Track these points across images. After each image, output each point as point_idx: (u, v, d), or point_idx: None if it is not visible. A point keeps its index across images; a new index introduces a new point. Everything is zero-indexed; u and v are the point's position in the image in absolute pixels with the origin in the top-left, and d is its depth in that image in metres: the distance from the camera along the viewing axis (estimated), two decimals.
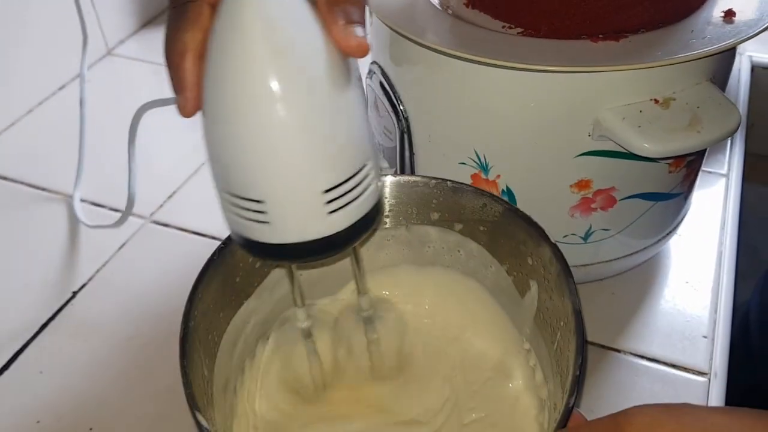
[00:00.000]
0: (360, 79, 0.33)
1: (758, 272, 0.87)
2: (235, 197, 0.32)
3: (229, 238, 0.40)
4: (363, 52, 0.31)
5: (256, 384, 0.43)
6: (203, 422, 0.32)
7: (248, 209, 0.31)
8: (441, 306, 0.46)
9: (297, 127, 0.29)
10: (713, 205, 0.60)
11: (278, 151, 0.30)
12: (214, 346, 0.39)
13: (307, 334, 0.42)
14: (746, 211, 0.78)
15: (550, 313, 0.39)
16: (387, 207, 0.44)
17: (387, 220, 0.44)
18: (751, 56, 0.78)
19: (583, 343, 0.35)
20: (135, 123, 0.51)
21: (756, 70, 0.78)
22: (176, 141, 0.69)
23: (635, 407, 0.28)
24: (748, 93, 0.74)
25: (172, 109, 0.46)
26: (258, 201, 0.31)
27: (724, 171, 0.63)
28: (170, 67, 0.31)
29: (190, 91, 0.31)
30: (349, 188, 0.32)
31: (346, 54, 0.31)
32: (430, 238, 0.44)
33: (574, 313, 0.36)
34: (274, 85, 0.29)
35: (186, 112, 0.31)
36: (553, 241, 0.39)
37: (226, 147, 0.31)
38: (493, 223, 0.42)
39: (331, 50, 0.30)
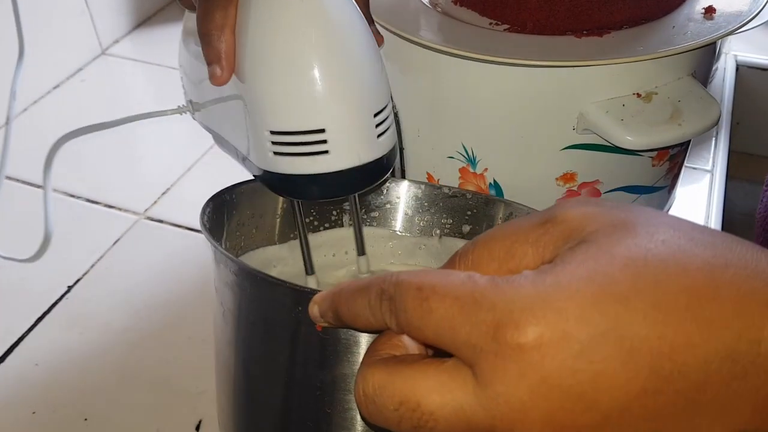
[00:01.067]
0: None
1: None
2: (292, 134, 0.34)
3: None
4: (380, 44, 0.37)
5: None
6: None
7: (305, 142, 0.34)
8: None
9: (349, 55, 0.33)
10: (698, 200, 0.61)
11: (340, 79, 0.33)
12: (237, 249, 0.41)
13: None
14: (732, 209, 0.80)
15: None
16: (425, 213, 0.45)
17: (420, 227, 0.45)
18: (736, 55, 0.80)
19: None
20: (51, 154, 0.48)
21: (741, 69, 0.80)
22: (171, 138, 0.70)
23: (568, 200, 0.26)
24: (733, 91, 0.75)
25: (167, 108, 0.47)
26: (318, 131, 0.33)
27: (708, 167, 0.65)
28: (208, 39, 0.34)
29: (227, 60, 0.34)
30: (388, 114, 0.35)
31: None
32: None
33: None
34: (323, 19, 0.33)
35: (221, 80, 0.35)
36: None
37: (279, 86, 0.33)
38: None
39: (358, 14, 0.35)
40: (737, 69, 0.79)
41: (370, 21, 0.37)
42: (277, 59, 0.33)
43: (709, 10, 0.43)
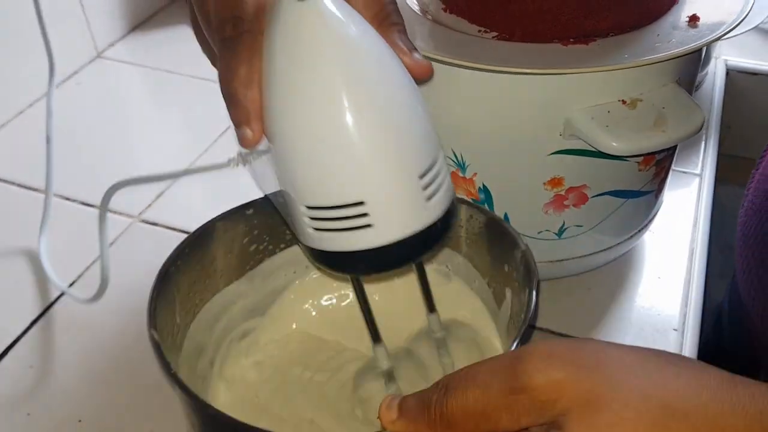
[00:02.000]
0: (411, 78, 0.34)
1: (734, 268, 0.89)
2: (325, 210, 0.31)
3: (227, 213, 0.42)
4: (428, 72, 0.34)
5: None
6: (155, 336, 0.34)
7: (345, 217, 0.31)
8: None
9: (383, 116, 0.30)
10: (686, 203, 0.62)
11: (373, 144, 0.30)
12: (194, 306, 0.41)
13: (390, 377, 0.40)
14: (723, 212, 0.81)
15: (516, 317, 0.39)
16: None
17: None
18: (726, 60, 0.81)
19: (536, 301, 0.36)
20: (105, 202, 0.44)
21: (731, 73, 0.80)
22: (165, 142, 0.71)
23: (539, 342, 0.28)
24: (723, 96, 0.76)
25: (163, 111, 0.47)
26: (357, 204, 0.30)
27: (697, 171, 0.65)
28: (233, 98, 0.31)
29: (255, 121, 0.31)
30: (437, 172, 0.32)
31: (418, 77, 0.33)
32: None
33: (528, 298, 0.36)
34: (353, 79, 0.30)
35: (252, 143, 0.31)
36: (524, 244, 0.39)
37: (308, 159, 0.30)
38: (478, 235, 0.43)
39: (385, 48, 0.32)
40: (727, 73, 0.80)
41: (412, 48, 0.34)
42: (304, 124, 0.30)
43: (693, 19, 0.44)
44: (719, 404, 0.24)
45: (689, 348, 0.50)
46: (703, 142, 0.69)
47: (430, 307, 0.40)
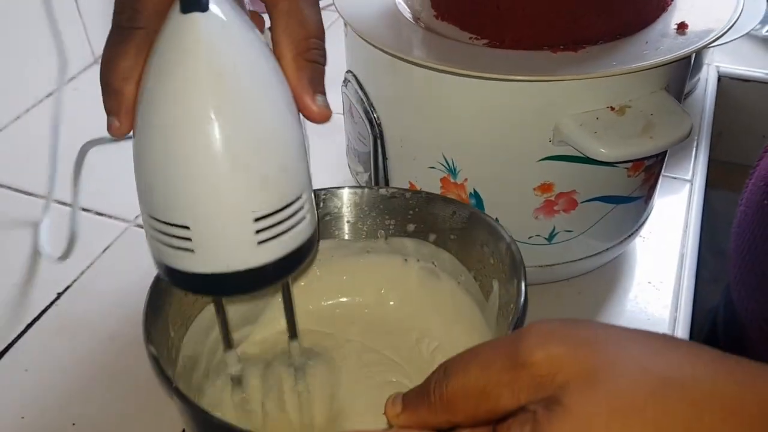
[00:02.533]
0: (298, 113, 0.33)
1: (728, 276, 0.90)
2: (158, 222, 0.31)
3: None
4: (325, 119, 0.33)
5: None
6: (153, 351, 0.34)
7: (172, 235, 0.30)
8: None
9: (228, 150, 0.29)
10: (677, 209, 0.62)
11: (207, 174, 0.29)
12: (186, 319, 0.41)
13: (237, 382, 0.41)
14: (715, 217, 0.81)
15: (505, 306, 0.40)
16: (367, 217, 0.45)
17: (365, 232, 0.46)
18: (718, 66, 0.81)
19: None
20: (80, 159, 0.46)
21: (723, 80, 0.81)
22: None
23: (537, 321, 0.28)
24: (715, 102, 0.77)
25: None
26: (183, 227, 0.30)
27: (688, 177, 0.66)
28: (109, 89, 0.31)
29: (125, 115, 0.31)
30: (282, 218, 0.31)
31: (313, 121, 0.33)
32: (407, 250, 0.46)
33: (518, 288, 0.37)
34: (207, 105, 0.29)
35: (119, 133, 0.32)
36: (508, 235, 0.40)
37: (151, 168, 0.30)
38: (462, 230, 0.44)
39: (274, 81, 0.31)
40: (719, 79, 0.80)
41: (321, 91, 0.33)
42: (154, 133, 0.30)
43: (682, 26, 0.44)
44: (714, 374, 0.25)
45: None
46: (694, 148, 0.69)
47: (292, 333, 0.40)
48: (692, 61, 0.48)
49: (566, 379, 0.25)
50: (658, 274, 0.56)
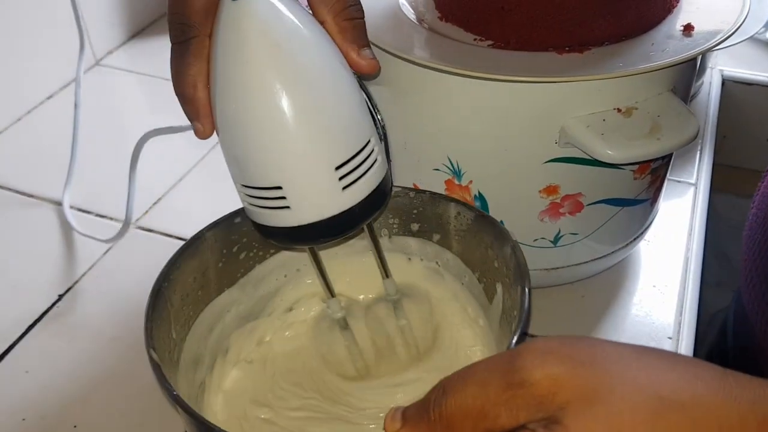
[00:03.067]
0: (349, 68, 0.36)
1: (733, 280, 0.90)
2: (254, 189, 0.35)
3: (216, 223, 0.42)
4: (374, 69, 0.37)
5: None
6: (155, 356, 0.35)
7: (268, 198, 0.35)
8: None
9: (301, 111, 0.33)
10: (682, 213, 0.62)
11: (289, 137, 0.33)
12: (188, 318, 0.41)
13: (344, 325, 0.44)
14: (719, 221, 0.81)
15: (509, 311, 0.40)
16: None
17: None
18: (722, 70, 0.81)
19: (525, 320, 0.36)
20: (138, 149, 0.51)
21: (727, 83, 0.81)
22: (162, 150, 0.71)
23: (535, 339, 0.28)
24: (719, 105, 0.77)
25: (160, 118, 0.47)
26: (276, 188, 0.34)
27: (693, 180, 0.66)
28: (183, 98, 0.35)
29: (204, 117, 0.35)
30: (358, 163, 0.35)
31: (364, 73, 0.36)
32: (411, 249, 0.46)
33: (521, 297, 0.37)
34: (275, 74, 0.33)
35: (204, 136, 0.36)
36: (513, 239, 0.40)
37: (240, 144, 0.34)
38: (466, 231, 0.43)
39: (324, 43, 0.34)
40: (723, 83, 0.80)
41: (365, 45, 0.37)
42: (234, 116, 0.34)
43: (688, 28, 0.44)
44: (713, 395, 0.25)
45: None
46: (698, 152, 0.69)
47: (385, 272, 0.44)
48: (698, 63, 0.48)
49: (566, 399, 0.25)
50: (662, 277, 0.56)
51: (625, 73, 0.40)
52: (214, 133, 0.36)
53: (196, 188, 0.66)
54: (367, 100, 0.49)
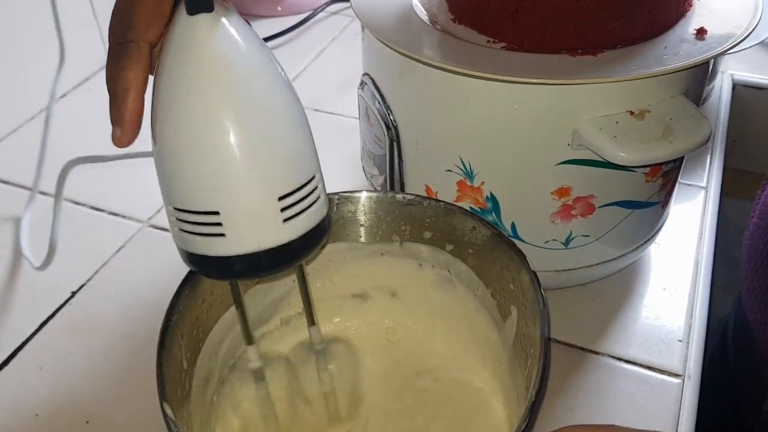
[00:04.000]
0: (299, 101, 0.35)
1: (740, 284, 0.89)
2: (188, 213, 0.33)
3: None
4: None
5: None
6: (168, 412, 0.33)
7: (203, 223, 0.32)
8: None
9: (248, 135, 0.31)
10: (692, 216, 0.62)
11: (233, 161, 0.31)
12: (198, 341, 0.40)
13: (260, 377, 0.42)
14: (728, 225, 0.81)
15: (526, 340, 0.39)
16: (382, 222, 0.45)
17: (379, 236, 0.46)
18: (732, 74, 0.81)
19: (544, 373, 0.35)
20: (62, 178, 0.49)
21: (737, 87, 0.81)
22: None
23: (565, 427, 0.29)
24: (729, 110, 0.77)
25: None
26: (213, 213, 0.32)
27: (703, 184, 0.66)
28: (114, 101, 0.34)
29: (128, 124, 0.33)
30: (302, 196, 0.34)
31: None
32: (423, 256, 0.46)
33: (542, 340, 0.36)
34: (225, 93, 0.31)
35: (122, 143, 0.34)
36: (532, 268, 0.39)
37: (175, 163, 0.32)
38: (481, 247, 0.43)
39: (277, 72, 0.34)
40: (733, 88, 0.80)
41: None
42: (175, 133, 0.32)
43: (701, 32, 0.44)
44: None
45: (694, 359, 0.50)
46: (708, 156, 0.69)
47: (310, 319, 0.41)
48: (711, 67, 0.48)
49: None
50: (673, 281, 0.56)
51: (639, 75, 0.41)
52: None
53: None
54: (380, 101, 0.49)
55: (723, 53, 0.42)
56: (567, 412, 0.47)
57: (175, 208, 0.33)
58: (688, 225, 0.61)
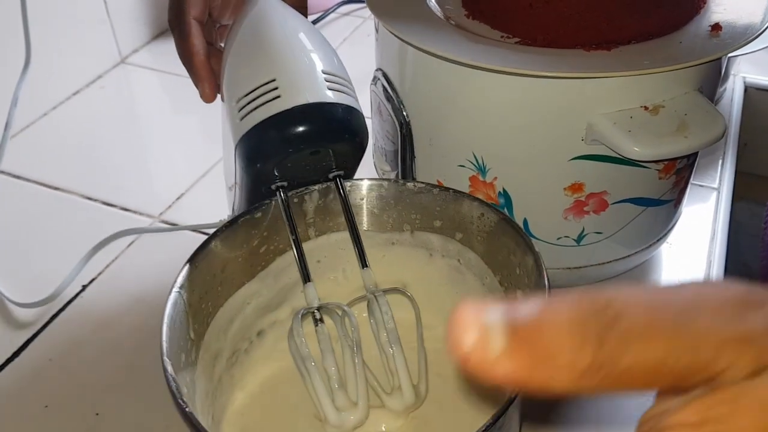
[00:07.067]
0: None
1: None
2: (253, 92, 0.41)
3: (235, 218, 0.42)
4: None
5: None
6: (169, 368, 0.34)
7: (263, 94, 0.40)
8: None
9: (304, 44, 0.43)
10: (704, 217, 0.61)
11: (287, 48, 0.42)
12: (207, 315, 0.41)
13: (318, 318, 0.42)
14: (738, 229, 0.80)
15: None
16: (392, 210, 0.45)
17: (390, 224, 0.46)
18: (744, 77, 0.81)
19: None
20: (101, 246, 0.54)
21: (749, 90, 0.81)
22: (183, 147, 0.71)
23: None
24: (741, 113, 0.76)
25: (182, 117, 0.49)
26: (270, 81, 0.40)
27: (715, 185, 0.65)
28: (188, 69, 0.46)
29: (206, 80, 0.45)
30: (342, 80, 0.42)
31: None
32: (433, 245, 0.46)
33: None
34: (287, 26, 0.44)
35: (206, 98, 0.46)
36: (536, 251, 0.39)
37: (243, 62, 0.43)
38: (489, 234, 0.43)
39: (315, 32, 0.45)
40: (745, 90, 0.80)
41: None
42: (242, 53, 0.42)
43: (716, 28, 0.44)
44: None
45: None
46: (720, 159, 0.69)
47: (363, 262, 0.44)
48: (724, 65, 0.48)
49: None
50: (685, 280, 0.55)
51: (653, 70, 0.40)
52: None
53: (219, 184, 0.66)
54: (393, 97, 0.49)
55: (737, 49, 0.42)
56: (582, 415, 0.46)
57: (241, 98, 0.41)
58: (701, 226, 0.60)
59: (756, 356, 0.16)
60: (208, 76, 0.45)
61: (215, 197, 0.64)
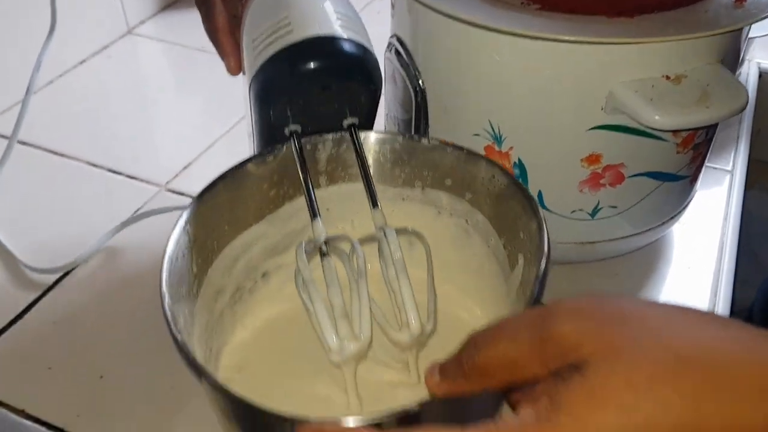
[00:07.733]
0: None
1: (760, 279, 0.88)
2: (270, 28, 0.41)
3: (247, 160, 0.42)
4: None
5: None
6: (165, 296, 0.36)
7: (277, 29, 0.41)
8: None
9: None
10: (718, 198, 0.61)
11: None
12: (212, 252, 0.41)
13: (323, 252, 0.41)
14: (749, 217, 0.79)
15: (527, 286, 0.38)
16: (405, 165, 0.45)
17: (402, 179, 0.45)
18: (759, 63, 0.80)
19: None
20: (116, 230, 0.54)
21: (764, 76, 0.80)
22: (189, 118, 0.71)
23: (563, 299, 0.29)
24: (755, 99, 0.76)
25: (189, 88, 0.48)
26: (283, 18, 0.41)
27: (729, 167, 0.65)
28: (214, 44, 0.47)
29: (231, 55, 0.46)
30: (349, 18, 0.42)
31: None
32: (442, 203, 0.45)
33: (536, 279, 0.36)
34: None
35: (232, 71, 0.46)
36: (541, 216, 0.38)
37: (260, 9, 0.43)
38: (498, 196, 0.42)
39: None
40: (760, 76, 0.79)
41: None
42: (261, 10, 0.43)
43: None
44: (737, 355, 0.25)
45: None
46: (734, 143, 0.68)
47: (373, 202, 0.43)
48: (747, 35, 0.47)
49: (590, 351, 0.26)
50: (697, 260, 0.55)
51: (676, 38, 0.40)
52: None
53: (225, 154, 0.65)
54: (408, 63, 0.49)
55: (762, 19, 0.41)
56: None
57: (256, 38, 0.42)
58: (714, 207, 0.60)
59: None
60: (233, 51, 0.46)
61: (222, 167, 0.64)
